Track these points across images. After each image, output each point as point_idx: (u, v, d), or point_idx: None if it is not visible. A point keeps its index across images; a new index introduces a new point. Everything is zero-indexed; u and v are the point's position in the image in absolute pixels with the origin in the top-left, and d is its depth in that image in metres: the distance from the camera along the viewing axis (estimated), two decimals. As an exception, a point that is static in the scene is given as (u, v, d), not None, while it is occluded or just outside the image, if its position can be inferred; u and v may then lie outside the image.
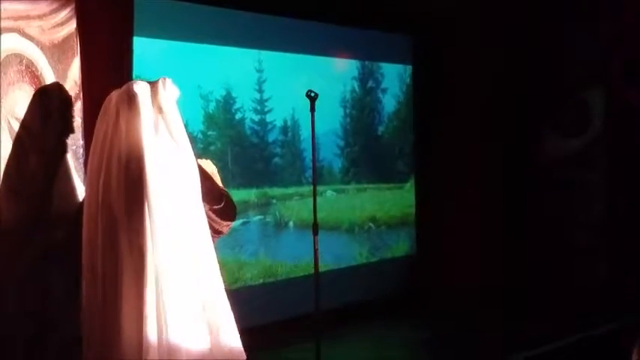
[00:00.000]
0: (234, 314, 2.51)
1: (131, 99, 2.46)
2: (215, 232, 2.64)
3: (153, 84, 2.55)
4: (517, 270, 7.13)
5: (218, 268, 2.49)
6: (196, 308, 2.40)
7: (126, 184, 2.40)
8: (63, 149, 3.06)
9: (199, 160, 2.72)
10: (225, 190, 2.81)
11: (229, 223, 2.75)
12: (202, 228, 2.47)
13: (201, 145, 5.55)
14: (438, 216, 7.26)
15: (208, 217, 2.56)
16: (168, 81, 2.58)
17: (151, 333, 2.31)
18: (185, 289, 2.38)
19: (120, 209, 2.40)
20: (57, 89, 3.17)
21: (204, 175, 2.63)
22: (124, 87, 2.53)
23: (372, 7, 6.57)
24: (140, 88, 2.50)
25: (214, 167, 2.85)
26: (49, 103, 3.05)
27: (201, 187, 2.51)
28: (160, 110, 2.48)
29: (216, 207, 2.67)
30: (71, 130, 3.11)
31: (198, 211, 2.47)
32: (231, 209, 2.76)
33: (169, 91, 2.55)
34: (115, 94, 2.53)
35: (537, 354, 5.37)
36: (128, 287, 2.35)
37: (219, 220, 2.68)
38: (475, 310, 6.53)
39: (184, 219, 2.43)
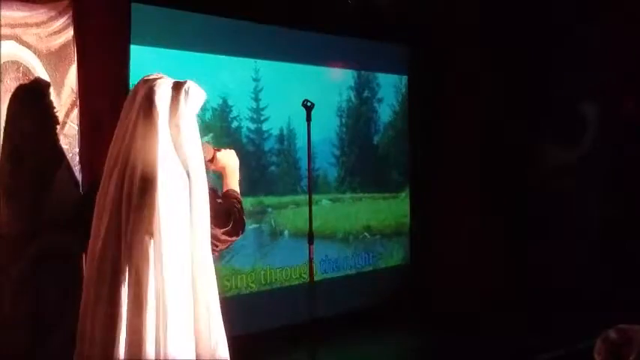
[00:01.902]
0: (228, 322, 2.47)
1: (151, 113, 2.34)
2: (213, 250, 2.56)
3: (177, 89, 2.43)
4: (515, 279, 7.12)
5: (216, 287, 2.42)
6: (189, 322, 2.33)
7: (137, 200, 2.29)
8: (60, 152, 3.06)
9: (222, 151, 2.65)
10: (238, 198, 2.70)
11: (233, 239, 2.65)
12: (205, 251, 2.39)
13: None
14: (433, 225, 7.28)
15: (213, 236, 2.48)
16: (193, 88, 2.47)
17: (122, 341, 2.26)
18: (181, 303, 2.32)
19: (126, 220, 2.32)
20: (44, 82, 3.15)
21: (213, 196, 2.52)
22: (150, 88, 2.39)
23: (368, 17, 6.60)
24: (163, 98, 2.38)
25: (236, 160, 2.74)
26: (41, 97, 3.03)
27: (210, 210, 2.41)
28: (177, 129, 2.36)
29: (223, 230, 2.60)
30: (57, 121, 3.11)
31: (204, 236, 2.38)
32: (239, 226, 2.66)
33: (191, 102, 2.44)
34: (142, 90, 2.39)
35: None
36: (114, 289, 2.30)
37: (222, 238, 2.60)
38: (472, 320, 6.52)
39: (188, 243, 2.34)
